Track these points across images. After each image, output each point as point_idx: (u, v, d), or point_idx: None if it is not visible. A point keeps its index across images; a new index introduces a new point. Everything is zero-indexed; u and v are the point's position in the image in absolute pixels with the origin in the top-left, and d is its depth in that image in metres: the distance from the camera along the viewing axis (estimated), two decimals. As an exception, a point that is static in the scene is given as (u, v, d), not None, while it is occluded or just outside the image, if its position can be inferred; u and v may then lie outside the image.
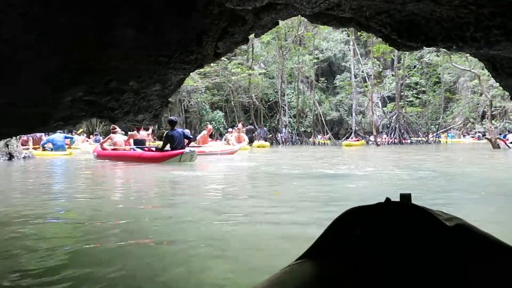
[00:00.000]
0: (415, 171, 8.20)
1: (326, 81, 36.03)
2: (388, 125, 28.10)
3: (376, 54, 27.41)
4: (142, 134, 13.62)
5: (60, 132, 17.38)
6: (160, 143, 12.37)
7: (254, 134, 24.69)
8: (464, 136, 35.81)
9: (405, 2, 2.81)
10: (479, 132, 35.34)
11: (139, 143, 13.02)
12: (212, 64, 27.54)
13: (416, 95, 35.69)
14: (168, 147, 10.93)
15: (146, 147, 12.68)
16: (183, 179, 7.69)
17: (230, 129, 22.58)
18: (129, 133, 14.24)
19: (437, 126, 31.58)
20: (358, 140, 25.83)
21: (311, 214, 4.28)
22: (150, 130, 14.97)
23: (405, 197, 0.75)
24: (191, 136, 12.95)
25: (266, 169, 9.45)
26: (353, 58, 30.51)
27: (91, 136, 26.75)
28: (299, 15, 4.25)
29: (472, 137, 34.55)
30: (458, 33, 2.88)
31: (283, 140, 27.38)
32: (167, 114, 31.76)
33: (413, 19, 3.10)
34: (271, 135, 27.78)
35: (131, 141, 13.25)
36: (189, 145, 12.15)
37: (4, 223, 3.96)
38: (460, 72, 37.51)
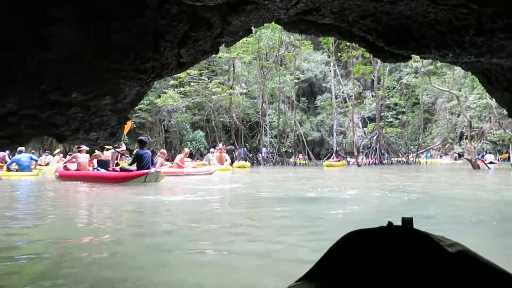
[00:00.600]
0: (401, 194, 7.78)
1: (307, 101, 35.94)
2: (369, 146, 27.92)
3: (356, 75, 27.42)
4: (106, 154, 12.97)
5: (33, 152, 16.63)
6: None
7: (234, 154, 24.12)
8: (440, 156, 35.92)
9: (394, 1, 2.38)
10: (455, 153, 35.59)
11: (104, 163, 12.45)
12: (192, 83, 27.13)
13: (395, 116, 35.85)
14: (135, 166, 10.85)
15: (119, 160, 12.20)
16: (155, 205, 7.10)
17: (212, 149, 21.84)
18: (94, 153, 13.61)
19: (416, 147, 31.59)
20: (339, 161, 25.52)
21: (295, 241, 3.77)
22: (124, 146, 14.27)
23: (407, 222, 0.75)
24: (155, 161, 13.00)
25: (245, 191, 8.93)
26: (333, 79, 30.48)
27: (67, 156, 25.76)
28: (279, 27, 3.79)
29: (450, 157, 34.74)
30: (456, 38, 2.46)
31: (264, 160, 26.88)
32: (146, 133, 31.03)
33: (403, 23, 2.67)
34: (251, 155, 27.25)
35: (95, 161, 12.62)
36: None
37: None
38: (438, 93, 37.97)
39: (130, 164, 10.98)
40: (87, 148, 12.23)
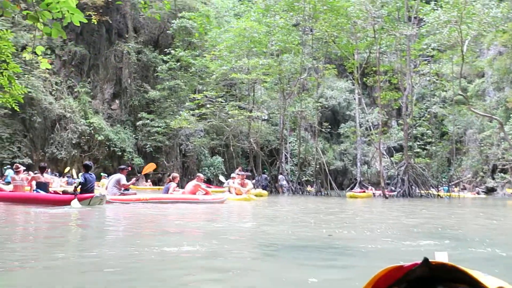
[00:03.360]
0: (465, 244, 5.02)
1: (330, 126, 33.14)
2: (395, 176, 24.74)
3: (383, 101, 24.74)
4: (46, 176, 11.57)
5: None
6: None
7: (252, 182, 21.47)
8: (461, 190, 31.75)
9: None
10: (478, 187, 31.90)
11: (43, 185, 11.17)
12: (208, 106, 24.92)
13: (422, 146, 32.72)
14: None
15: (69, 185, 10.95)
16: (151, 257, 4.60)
17: (232, 175, 19.09)
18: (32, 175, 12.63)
19: (447, 179, 28.23)
20: (363, 192, 22.57)
21: None
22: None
23: (441, 257, 0.72)
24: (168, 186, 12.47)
25: (261, 230, 6.32)
26: (358, 107, 27.85)
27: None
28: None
29: (472, 192, 30.88)
30: None
31: (283, 189, 24.11)
32: (163, 158, 28.86)
33: None
34: (270, 183, 24.53)
35: (34, 183, 11.25)
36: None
37: None
38: (468, 124, 34.74)
39: (75, 188, 10.39)
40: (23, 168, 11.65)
